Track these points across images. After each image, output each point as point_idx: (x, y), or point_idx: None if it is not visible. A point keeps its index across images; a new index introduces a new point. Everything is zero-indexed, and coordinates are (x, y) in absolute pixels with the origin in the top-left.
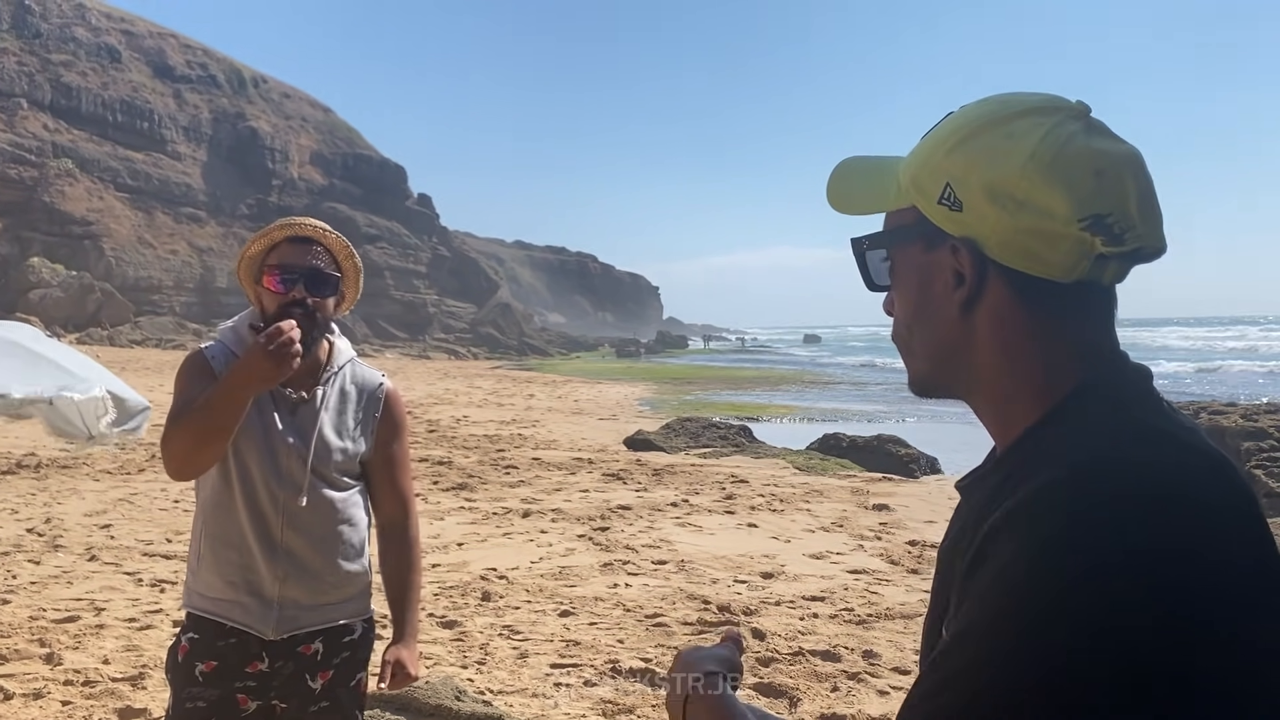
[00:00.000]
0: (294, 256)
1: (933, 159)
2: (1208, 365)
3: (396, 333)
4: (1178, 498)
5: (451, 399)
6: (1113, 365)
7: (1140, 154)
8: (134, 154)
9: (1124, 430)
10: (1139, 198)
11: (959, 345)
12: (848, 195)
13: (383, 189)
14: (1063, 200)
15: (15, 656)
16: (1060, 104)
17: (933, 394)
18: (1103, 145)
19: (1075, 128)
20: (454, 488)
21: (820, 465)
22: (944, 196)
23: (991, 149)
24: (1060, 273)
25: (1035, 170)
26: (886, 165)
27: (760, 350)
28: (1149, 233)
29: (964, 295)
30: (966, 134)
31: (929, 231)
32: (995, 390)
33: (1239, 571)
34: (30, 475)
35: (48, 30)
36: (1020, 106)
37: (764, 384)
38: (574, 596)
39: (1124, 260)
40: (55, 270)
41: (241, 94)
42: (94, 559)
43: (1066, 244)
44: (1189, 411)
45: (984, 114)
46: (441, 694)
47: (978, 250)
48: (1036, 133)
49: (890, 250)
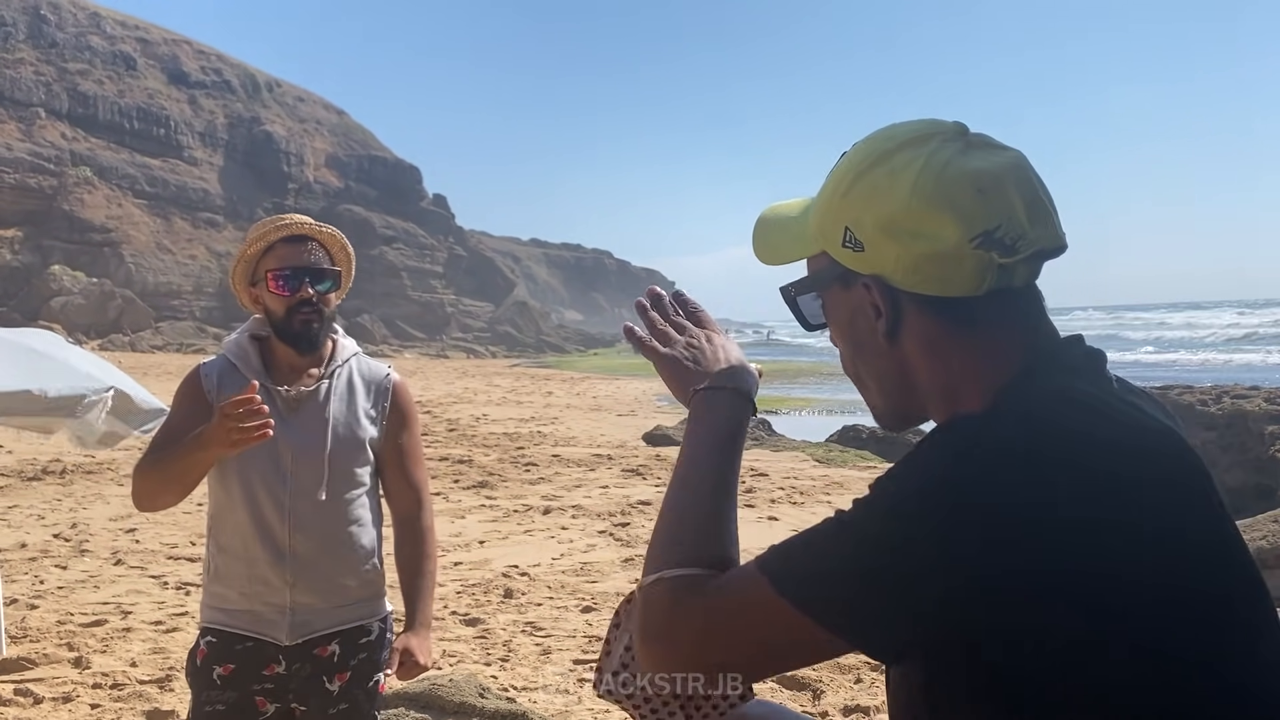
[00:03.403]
0: (293, 257)
1: (830, 205)
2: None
3: (415, 333)
4: (1035, 449)
5: (470, 398)
6: (1049, 353)
7: (1023, 158)
8: (151, 160)
9: (1037, 394)
10: (1025, 205)
11: (898, 371)
12: (771, 248)
13: (398, 190)
14: (951, 224)
15: (44, 661)
16: (935, 129)
17: (900, 425)
18: (980, 163)
19: (951, 151)
20: (475, 486)
21: (840, 457)
22: (846, 240)
23: (877, 187)
24: (967, 289)
25: (919, 201)
26: (799, 212)
27: (779, 343)
28: (1042, 234)
29: (885, 326)
30: (854, 177)
31: (842, 273)
32: (943, 404)
33: (1050, 519)
34: (56, 481)
35: (63, 39)
36: (898, 140)
37: (782, 377)
38: (596, 592)
39: (1028, 263)
40: (76, 277)
41: (256, 98)
42: (120, 563)
43: (965, 264)
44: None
45: (867, 154)
46: (465, 691)
47: (886, 284)
48: (916, 164)
49: (818, 291)
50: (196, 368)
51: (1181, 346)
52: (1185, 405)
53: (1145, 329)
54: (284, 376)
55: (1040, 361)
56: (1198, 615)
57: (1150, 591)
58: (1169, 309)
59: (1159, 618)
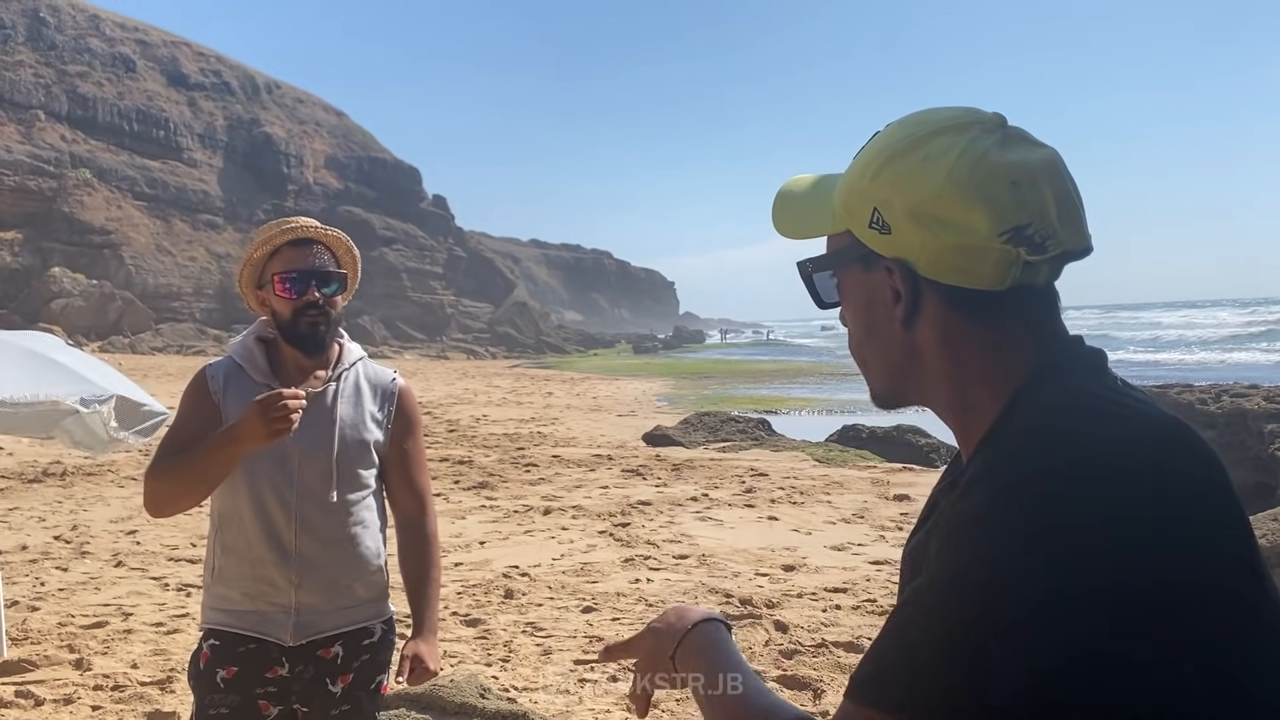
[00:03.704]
0: (299, 260)
1: (860, 184)
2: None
3: (415, 334)
4: (1104, 473)
5: (471, 398)
6: (1060, 354)
7: (1058, 156)
8: (150, 162)
9: (1069, 408)
10: (1057, 204)
11: (909, 358)
12: (791, 221)
13: (398, 191)
14: (982, 217)
15: (45, 663)
16: (975, 118)
17: (892, 405)
18: (1017, 157)
19: (989, 142)
20: (475, 486)
21: (840, 457)
22: (873, 221)
23: (911, 172)
24: (991, 283)
25: (953, 190)
26: (824, 188)
27: (778, 343)
28: (1071, 236)
29: (903, 312)
30: (887, 158)
31: (864, 254)
32: (950, 395)
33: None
34: (56, 483)
35: (63, 42)
36: (935, 125)
37: (782, 377)
38: (596, 593)
39: (1053, 263)
40: (76, 280)
41: (255, 100)
42: (120, 565)
43: (992, 257)
44: (1211, 394)
45: (902, 136)
46: (466, 692)
47: (910, 270)
48: (952, 152)
49: (835, 270)
50: (203, 369)
51: (1172, 347)
52: (1185, 404)
53: (1136, 328)
54: (290, 378)
55: (1054, 363)
56: (1211, 613)
57: (1184, 590)
58: (1164, 308)
59: (1187, 618)
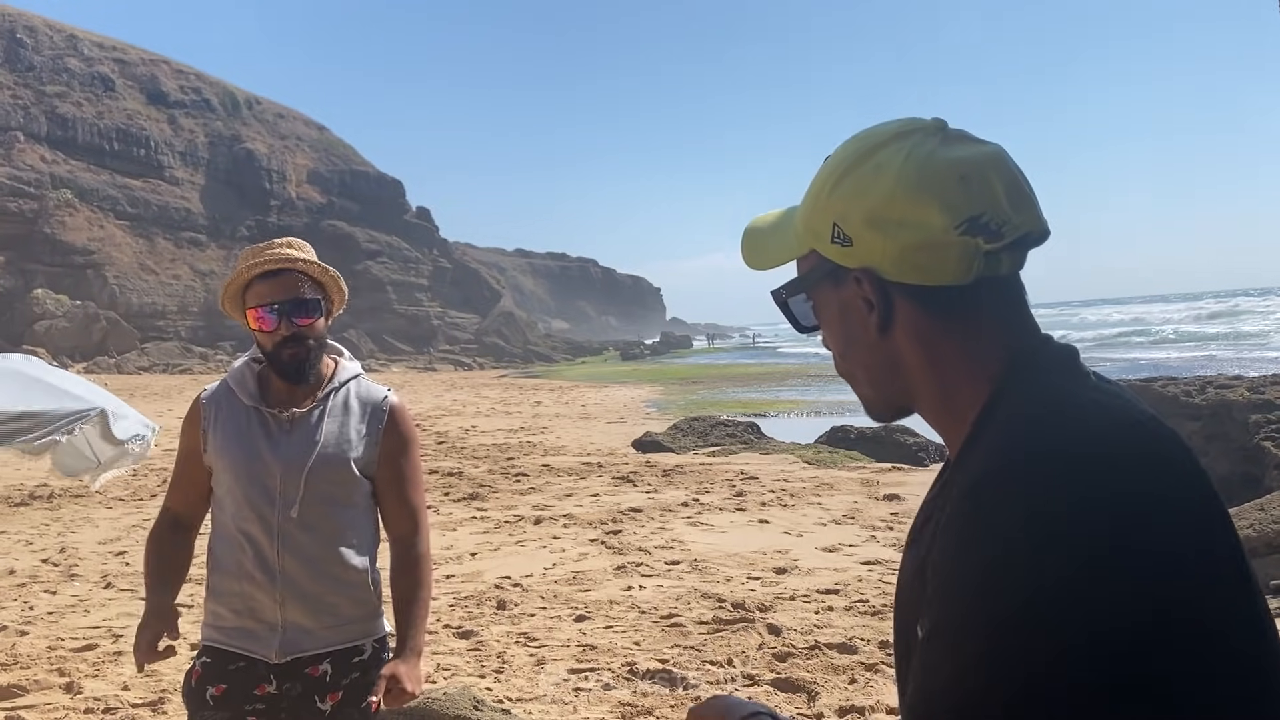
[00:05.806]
0: (270, 293)
1: (818, 203)
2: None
3: (401, 346)
4: (1102, 472)
5: (459, 410)
6: (1034, 346)
7: (1002, 150)
8: (132, 181)
9: (1049, 399)
10: (1007, 191)
11: (890, 365)
12: (760, 252)
13: (381, 204)
14: (936, 212)
15: (35, 687)
16: (916, 125)
17: (888, 416)
18: (962, 152)
19: (933, 143)
20: (465, 498)
21: (829, 458)
22: (835, 235)
23: (863, 182)
24: (956, 277)
25: (904, 190)
26: (787, 218)
27: (765, 347)
28: (1025, 220)
29: (877, 320)
30: (840, 174)
31: (831, 269)
32: (934, 396)
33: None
34: (43, 506)
35: (40, 62)
36: (881, 137)
37: (770, 380)
38: (589, 601)
39: (1012, 250)
40: (59, 301)
41: (236, 116)
42: (110, 586)
43: (953, 251)
44: (1195, 386)
45: (851, 151)
46: (460, 704)
47: (876, 276)
48: (898, 157)
49: (809, 292)
50: (198, 397)
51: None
52: (1170, 396)
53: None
54: (280, 399)
55: (1029, 356)
56: (1221, 588)
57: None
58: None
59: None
